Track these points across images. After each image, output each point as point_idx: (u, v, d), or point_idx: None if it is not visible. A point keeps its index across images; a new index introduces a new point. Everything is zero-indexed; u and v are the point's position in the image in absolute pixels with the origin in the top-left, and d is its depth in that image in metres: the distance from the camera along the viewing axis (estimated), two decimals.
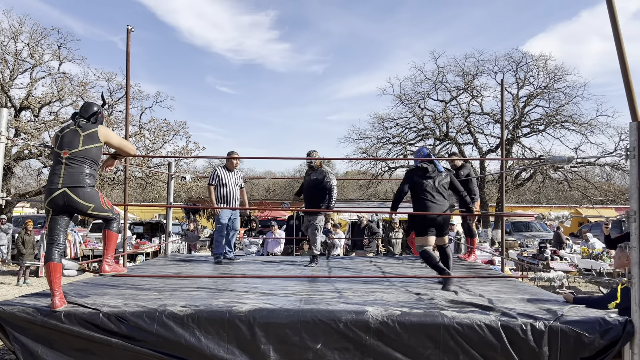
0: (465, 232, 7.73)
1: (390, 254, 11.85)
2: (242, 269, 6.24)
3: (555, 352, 3.32)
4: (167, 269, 6.05)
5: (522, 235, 19.79)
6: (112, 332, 3.46)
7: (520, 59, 23.28)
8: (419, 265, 6.81)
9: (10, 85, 17.58)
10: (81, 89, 18.40)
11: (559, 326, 3.35)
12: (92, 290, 4.35)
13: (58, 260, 3.65)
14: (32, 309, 3.57)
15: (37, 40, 18.16)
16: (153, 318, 3.47)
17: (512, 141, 22.78)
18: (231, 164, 6.92)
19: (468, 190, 7.18)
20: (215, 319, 3.47)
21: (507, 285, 5.03)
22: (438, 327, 3.40)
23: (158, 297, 4.03)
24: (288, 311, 3.52)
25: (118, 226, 4.03)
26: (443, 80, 24.55)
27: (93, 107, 3.94)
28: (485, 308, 3.69)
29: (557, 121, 22.74)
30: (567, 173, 22.61)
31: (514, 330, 3.36)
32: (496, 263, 10.68)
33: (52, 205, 3.65)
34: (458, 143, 24.28)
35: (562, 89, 22.81)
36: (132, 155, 4.26)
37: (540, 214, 3.85)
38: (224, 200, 6.77)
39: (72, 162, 3.67)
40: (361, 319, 3.45)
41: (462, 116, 24.50)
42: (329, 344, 3.42)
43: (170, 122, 20.01)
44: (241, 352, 3.41)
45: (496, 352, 3.34)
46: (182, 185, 18.65)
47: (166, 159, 18.94)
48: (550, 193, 28.46)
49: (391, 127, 25.58)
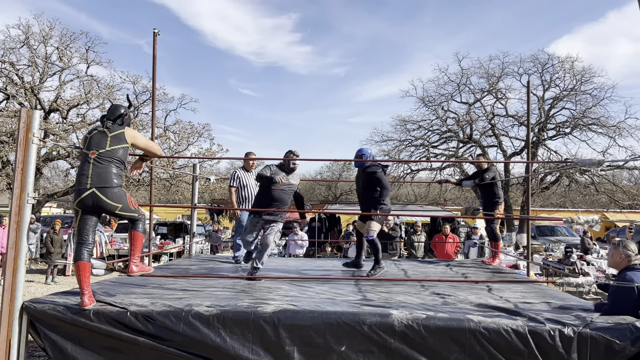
0: (489, 236, 7.63)
1: (413, 257, 11.76)
2: (265, 271, 6.26)
3: (585, 359, 3.26)
4: (191, 269, 6.11)
5: (547, 239, 19.46)
6: (139, 331, 3.52)
7: (546, 61, 22.91)
8: (442, 268, 6.74)
9: (40, 88, 17.99)
10: (108, 92, 18.72)
11: (588, 332, 3.29)
12: (119, 289, 4.42)
13: (87, 260, 3.72)
14: (62, 307, 3.64)
15: (66, 44, 18.55)
16: (179, 318, 3.51)
17: (537, 144, 22.39)
18: (248, 165, 6.97)
19: (492, 193, 7.10)
20: (241, 320, 3.49)
21: (533, 290, 4.96)
22: (464, 331, 3.36)
23: (184, 296, 4.07)
24: (312, 313, 3.52)
25: (144, 227, 4.09)
26: (467, 82, 24.27)
27: (120, 110, 4.02)
28: (512, 312, 3.64)
29: (584, 124, 22.27)
30: (594, 176, 22.13)
31: (542, 335, 3.31)
32: (521, 267, 10.52)
33: (82, 206, 3.72)
34: (482, 146, 23.98)
35: (590, 91, 22.36)
36: (159, 156, 4.33)
37: (569, 217, 3.78)
38: (246, 201, 6.82)
39: (100, 162, 3.74)
40: (386, 321, 3.44)
41: (486, 118, 24.19)
42: (354, 347, 3.41)
43: (194, 125, 20.25)
44: (266, 353, 3.43)
45: (523, 357, 3.29)
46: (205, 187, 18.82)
47: (190, 161, 19.18)
48: (576, 197, 27.94)
49: (414, 129, 25.40)
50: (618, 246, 3.88)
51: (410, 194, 36.72)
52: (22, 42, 17.82)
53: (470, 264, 7.35)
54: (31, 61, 17.87)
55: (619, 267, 3.86)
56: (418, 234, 12.44)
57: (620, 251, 3.85)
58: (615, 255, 3.88)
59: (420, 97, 24.98)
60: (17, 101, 17.70)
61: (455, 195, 31.78)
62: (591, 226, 3.83)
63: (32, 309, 3.67)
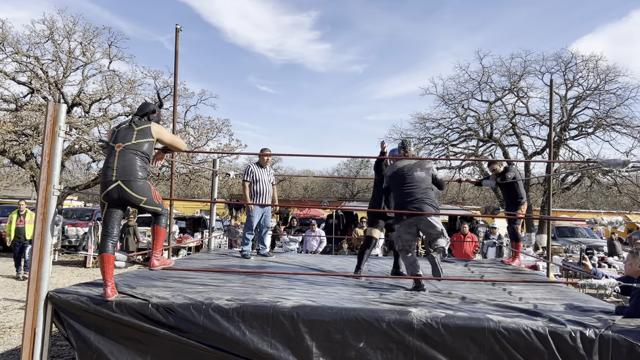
0: (510, 236, 7.55)
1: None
2: (283, 266, 6.29)
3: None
4: (210, 263, 6.17)
5: (568, 240, 19.20)
6: (160, 323, 3.57)
7: (569, 59, 22.55)
8: (461, 268, 6.71)
9: (64, 83, 18.28)
10: (129, 87, 18.94)
11: (610, 335, 3.25)
12: (140, 281, 4.48)
13: (112, 252, 3.79)
14: (86, 297, 3.71)
15: (89, 39, 18.79)
16: (200, 310, 3.56)
17: (559, 144, 22.08)
18: (263, 161, 7.02)
19: (515, 193, 7.01)
20: (260, 314, 3.52)
21: (553, 291, 4.91)
22: (483, 331, 3.35)
23: (204, 290, 4.12)
24: (332, 309, 3.54)
25: (166, 221, 4.14)
26: (488, 80, 24.03)
27: (149, 106, 4.12)
28: (532, 313, 3.61)
29: (607, 124, 21.91)
30: (617, 177, 21.75)
31: (563, 337, 3.28)
32: (540, 268, 10.41)
33: (108, 199, 3.78)
34: (502, 145, 23.72)
35: (614, 90, 21.97)
36: (184, 150, 4.41)
37: (592, 218, 3.73)
38: (257, 196, 6.87)
39: (125, 155, 3.80)
40: (404, 319, 3.44)
41: (507, 117, 23.92)
42: (372, 343, 3.42)
43: (214, 120, 20.38)
44: (284, 348, 3.45)
45: (543, 358, 3.27)
46: (224, 182, 18.92)
47: (209, 156, 19.32)
48: (598, 198, 27.48)
49: (433, 127, 25.25)
50: (637, 254, 3.81)
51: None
52: (47, 37, 18.10)
53: (489, 264, 7.29)
54: (55, 56, 18.15)
55: (637, 275, 3.79)
56: None
57: (638, 260, 3.78)
58: (634, 263, 3.81)
59: (441, 95, 24.81)
60: (41, 95, 18.01)
61: (474, 195, 31.49)
62: (615, 227, 3.77)
63: (57, 299, 3.75)
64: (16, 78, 17.94)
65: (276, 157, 34.93)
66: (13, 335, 6.65)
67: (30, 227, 11.58)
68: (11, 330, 6.90)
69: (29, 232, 11.50)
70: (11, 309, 8.17)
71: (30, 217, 11.68)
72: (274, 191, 7.17)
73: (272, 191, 7.08)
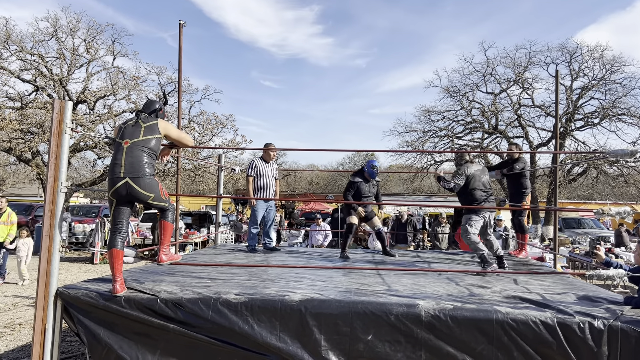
0: (515, 228, 7.54)
1: (437, 248, 11.70)
2: (289, 260, 6.31)
3: (615, 352, 3.22)
4: (218, 258, 6.19)
5: (574, 232, 19.15)
6: (169, 318, 3.59)
7: (574, 50, 22.41)
8: (468, 260, 6.70)
9: (68, 80, 18.33)
10: (133, 83, 18.98)
11: (619, 325, 3.24)
12: (148, 277, 4.50)
13: (120, 248, 3.81)
14: (95, 293, 3.73)
15: (92, 36, 18.84)
16: (208, 305, 3.57)
17: (564, 135, 21.98)
18: (268, 156, 7.04)
19: (520, 184, 7.02)
20: (268, 308, 3.53)
21: (561, 282, 4.90)
22: (491, 323, 3.35)
23: (212, 284, 4.13)
24: (339, 302, 3.55)
25: (173, 216, 4.16)
26: (492, 72, 23.92)
27: (155, 104, 4.14)
28: (540, 304, 3.60)
29: (613, 114, 21.78)
30: (624, 168, 21.64)
31: (571, 328, 3.27)
32: (547, 260, 10.39)
33: (116, 196, 3.80)
34: (508, 136, 23.63)
35: (620, 80, 21.83)
36: (190, 146, 4.43)
37: (600, 209, 3.71)
38: (261, 190, 6.91)
39: (133, 151, 3.81)
40: (412, 312, 3.44)
41: (512, 109, 23.82)
42: (380, 336, 3.43)
43: (218, 116, 20.41)
44: (293, 341, 3.47)
45: (552, 349, 3.27)
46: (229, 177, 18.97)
47: (214, 152, 19.35)
48: (604, 189, 27.37)
49: (438, 120, 25.19)
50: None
51: (433, 185, 36.45)
52: (51, 34, 18.17)
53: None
54: (59, 53, 18.20)
55: None
56: (442, 226, 12.38)
57: None
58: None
59: (445, 87, 24.74)
60: (46, 93, 18.08)
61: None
62: (623, 217, 3.75)
63: (66, 295, 3.77)
64: (21, 76, 18.02)
65: (281, 151, 34.94)
66: (23, 331, 6.71)
67: (4, 228, 9.78)
68: (21, 326, 6.96)
69: (2, 235, 9.74)
70: (20, 306, 8.24)
71: (7, 217, 9.81)
72: (276, 186, 7.20)
73: (275, 186, 7.11)
